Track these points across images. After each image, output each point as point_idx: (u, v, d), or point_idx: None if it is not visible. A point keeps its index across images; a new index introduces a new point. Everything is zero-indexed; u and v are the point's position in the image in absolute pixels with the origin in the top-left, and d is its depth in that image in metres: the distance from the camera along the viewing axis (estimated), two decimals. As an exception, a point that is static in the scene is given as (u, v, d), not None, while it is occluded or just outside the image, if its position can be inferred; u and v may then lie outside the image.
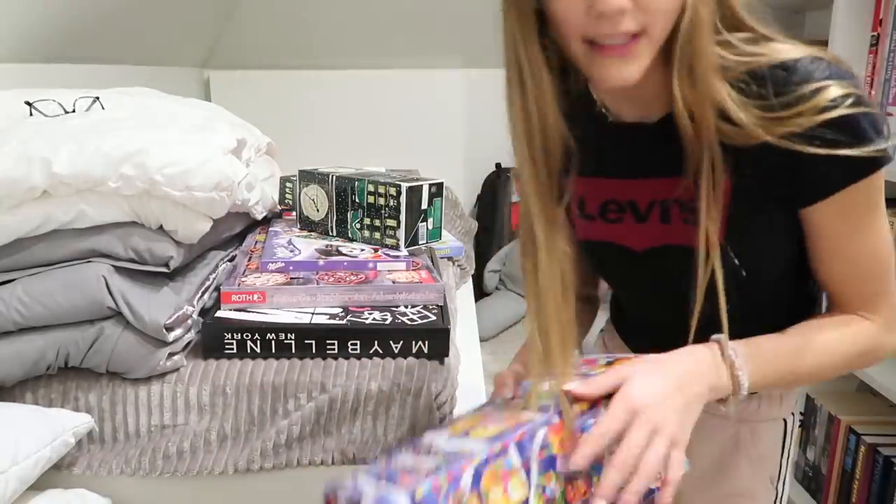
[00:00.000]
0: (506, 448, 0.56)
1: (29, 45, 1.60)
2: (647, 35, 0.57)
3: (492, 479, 0.55)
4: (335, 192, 1.27)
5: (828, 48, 0.62)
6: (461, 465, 0.54)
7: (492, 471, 0.55)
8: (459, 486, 0.54)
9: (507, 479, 0.56)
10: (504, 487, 0.55)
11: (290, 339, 0.95)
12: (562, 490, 0.57)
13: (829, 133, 0.58)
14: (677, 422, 0.58)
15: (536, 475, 0.56)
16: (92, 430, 0.90)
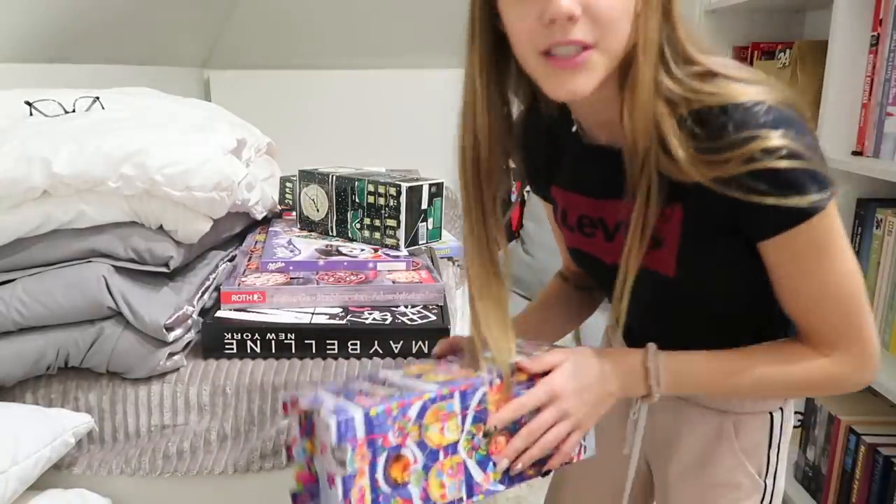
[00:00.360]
0: (452, 393, 0.65)
1: (29, 45, 1.60)
2: (599, 48, 0.59)
3: (434, 416, 0.64)
4: (335, 192, 1.27)
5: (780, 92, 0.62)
6: (412, 398, 0.63)
7: (435, 409, 0.64)
8: (406, 414, 0.63)
9: (445, 420, 0.65)
10: (442, 426, 0.65)
11: (290, 339, 0.95)
12: (487, 442, 0.67)
13: (753, 182, 0.59)
14: (585, 413, 0.67)
15: (470, 423, 0.66)
16: (92, 430, 0.90)
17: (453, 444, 0.65)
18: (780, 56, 1.86)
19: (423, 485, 0.64)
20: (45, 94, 1.20)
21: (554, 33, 0.58)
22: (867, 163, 1.42)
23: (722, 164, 0.60)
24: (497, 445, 0.67)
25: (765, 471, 0.81)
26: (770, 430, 0.81)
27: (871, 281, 1.50)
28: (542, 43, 0.59)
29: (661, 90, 0.62)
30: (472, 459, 0.66)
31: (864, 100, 1.48)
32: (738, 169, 0.59)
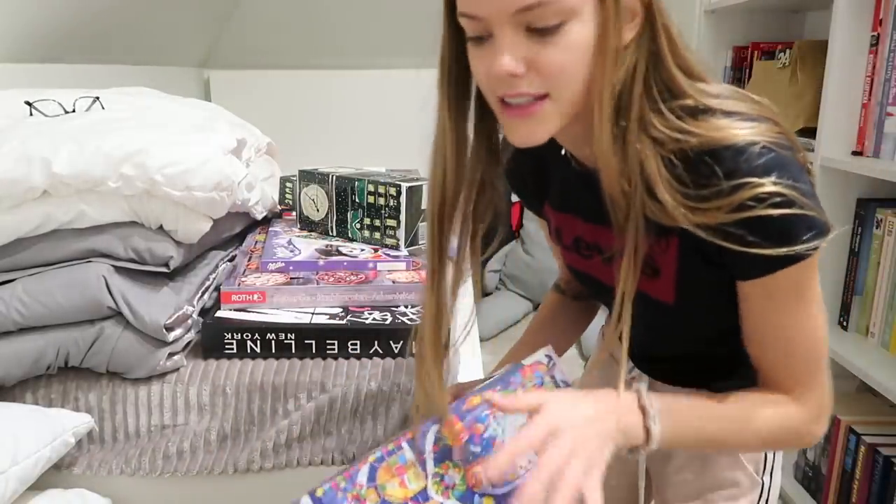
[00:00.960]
0: (399, 446, 0.63)
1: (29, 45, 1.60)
2: (552, 98, 0.59)
3: (387, 474, 0.61)
4: (335, 192, 1.27)
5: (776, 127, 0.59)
6: (358, 464, 0.61)
7: (385, 466, 0.61)
8: (357, 482, 0.60)
9: (402, 473, 0.62)
10: (401, 480, 0.61)
11: (291, 339, 0.95)
12: (462, 476, 0.62)
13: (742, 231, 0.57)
14: (596, 447, 0.58)
15: (432, 466, 0.62)
16: (92, 430, 0.90)
17: (422, 492, 0.62)
18: (780, 56, 1.86)
19: None
20: (45, 94, 1.20)
21: (502, 86, 0.59)
22: (867, 163, 1.42)
23: (710, 212, 0.58)
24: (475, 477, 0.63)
25: (762, 468, 0.81)
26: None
27: (872, 281, 1.50)
28: (496, 92, 0.60)
29: (647, 129, 0.60)
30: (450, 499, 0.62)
31: (864, 100, 1.48)
32: (726, 217, 0.57)
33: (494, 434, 0.65)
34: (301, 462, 0.92)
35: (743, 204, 0.57)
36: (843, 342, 1.51)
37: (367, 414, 0.92)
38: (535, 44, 0.57)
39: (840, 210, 1.56)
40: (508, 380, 0.70)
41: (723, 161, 0.58)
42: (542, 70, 0.58)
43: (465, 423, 0.65)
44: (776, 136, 0.58)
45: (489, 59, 0.59)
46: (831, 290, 1.60)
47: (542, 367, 0.71)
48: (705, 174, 0.58)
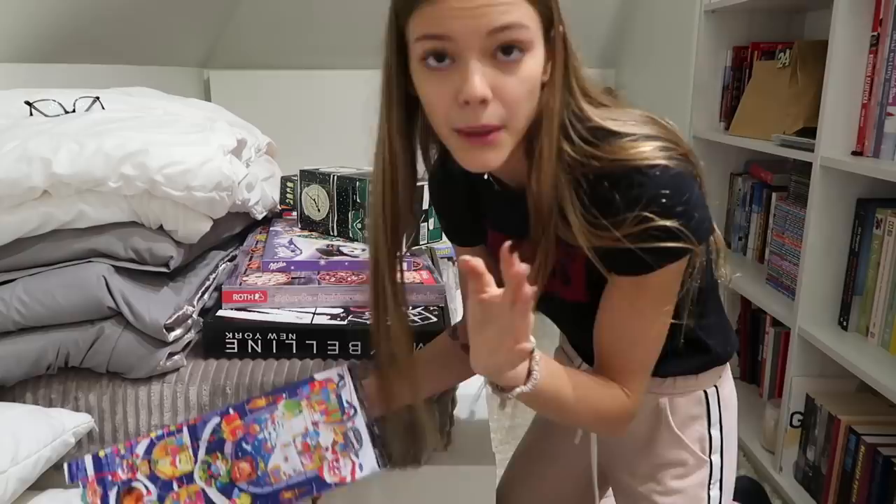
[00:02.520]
0: (180, 429, 0.72)
1: (29, 45, 1.60)
2: (507, 129, 0.63)
3: (163, 451, 0.70)
4: (336, 192, 1.27)
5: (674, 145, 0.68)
6: (140, 437, 0.71)
7: (163, 444, 0.70)
8: (135, 452, 0.70)
9: (176, 453, 0.70)
10: (172, 459, 0.70)
11: (292, 339, 0.95)
12: (227, 469, 0.70)
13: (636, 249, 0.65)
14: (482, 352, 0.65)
15: (203, 453, 0.70)
16: (92, 430, 0.90)
17: (188, 475, 0.69)
18: (780, 56, 1.86)
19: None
20: (45, 94, 1.20)
21: (467, 116, 0.61)
22: (867, 163, 1.42)
23: (607, 239, 0.65)
24: (241, 472, 0.69)
25: (708, 447, 0.86)
26: (707, 407, 0.86)
27: (871, 281, 1.50)
28: (457, 122, 0.63)
29: (561, 156, 0.66)
30: (212, 487, 0.69)
31: (864, 100, 1.49)
32: (624, 244, 0.64)
33: (266, 438, 0.72)
34: (301, 462, 0.92)
35: (642, 236, 0.64)
36: (843, 342, 1.51)
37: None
38: (500, 73, 0.61)
39: (840, 210, 1.56)
40: (296, 390, 0.76)
41: (621, 185, 0.64)
42: (505, 97, 0.61)
43: (244, 422, 0.73)
44: (673, 154, 0.65)
45: (452, 82, 0.61)
46: (831, 290, 1.60)
47: (332, 385, 0.77)
48: (607, 198, 0.65)
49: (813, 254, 1.58)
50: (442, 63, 0.61)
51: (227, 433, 0.71)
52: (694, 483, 0.86)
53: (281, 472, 0.70)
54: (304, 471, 0.70)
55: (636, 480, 0.89)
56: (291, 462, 0.70)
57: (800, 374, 1.66)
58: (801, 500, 1.63)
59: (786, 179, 1.95)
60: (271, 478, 0.70)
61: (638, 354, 0.73)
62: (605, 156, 0.65)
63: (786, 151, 1.69)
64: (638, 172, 0.64)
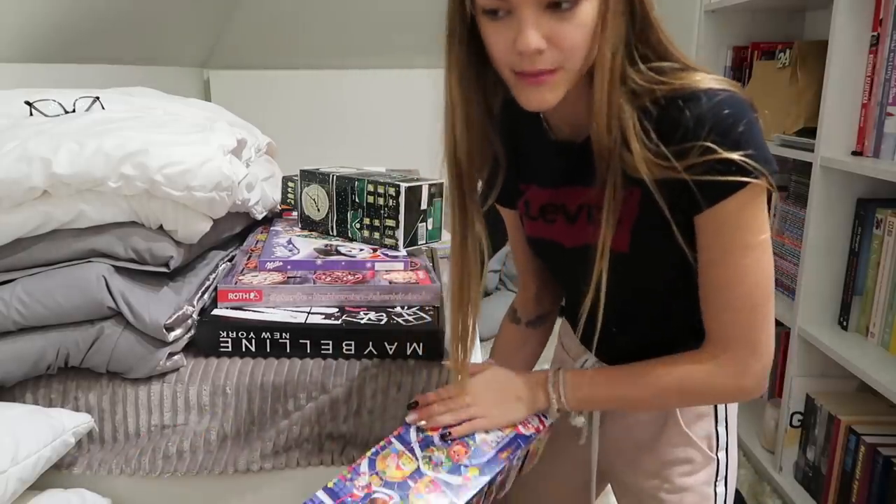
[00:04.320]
0: (389, 441, 0.79)
1: (29, 45, 1.61)
2: (563, 69, 0.66)
3: (384, 462, 0.76)
4: (336, 192, 1.27)
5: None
6: (357, 461, 0.76)
7: (382, 457, 0.77)
8: (360, 472, 0.75)
9: (397, 459, 0.77)
10: (396, 465, 0.76)
11: (286, 338, 0.95)
12: (446, 455, 0.77)
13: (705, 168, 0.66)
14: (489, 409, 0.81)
15: (420, 451, 0.78)
16: (92, 430, 0.90)
17: (416, 471, 0.75)
18: (780, 56, 1.86)
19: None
20: (45, 94, 1.20)
21: (523, 62, 0.65)
22: (867, 163, 1.42)
23: (674, 170, 0.66)
24: (457, 454, 0.77)
25: (715, 444, 0.87)
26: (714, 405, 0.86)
27: (872, 281, 1.50)
28: (515, 65, 0.66)
29: (626, 82, 0.68)
30: (441, 473, 0.75)
31: (864, 100, 1.48)
32: (688, 176, 0.66)
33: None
34: (301, 462, 0.92)
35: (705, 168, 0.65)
36: (843, 342, 1.51)
37: (368, 414, 0.92)
38: (555, 21, 0.63)
39: (840, 210, 1.56)
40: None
41: (692, 109, 0.66)
42: (560, 45, 0.64)
43: None
44: (738, 90, 0.67)
45: (509, 33, 0.65)
46: (831, 290, 1.60)
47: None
48: (673, 119, 0.66)
49: (813, 254, 1.58)
50: (496, 13, 0.65)
51: (430, 430, 0.80)
52: (701, 480, 0.86)
53: (489, 442, 0.79)
54: (504, 434, 0.81)
55: (641, 478, 0.89)
56: (492, 434, 0.81)
57: (800, 374, 1.66)
58: (801, 500, 1.63)
59: (786, 179, 1.95)
60: (483, 448, 0.78)
61: (736, 315, 0.71)
62: (671, 81, 0.67)
63: (786, 151, 1.68)
64: (704, 94, 0.66)
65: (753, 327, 0.71)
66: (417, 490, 0.73)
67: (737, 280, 0.70)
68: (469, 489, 0.73)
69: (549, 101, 0.67)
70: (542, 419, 0.83)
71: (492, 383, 0.83)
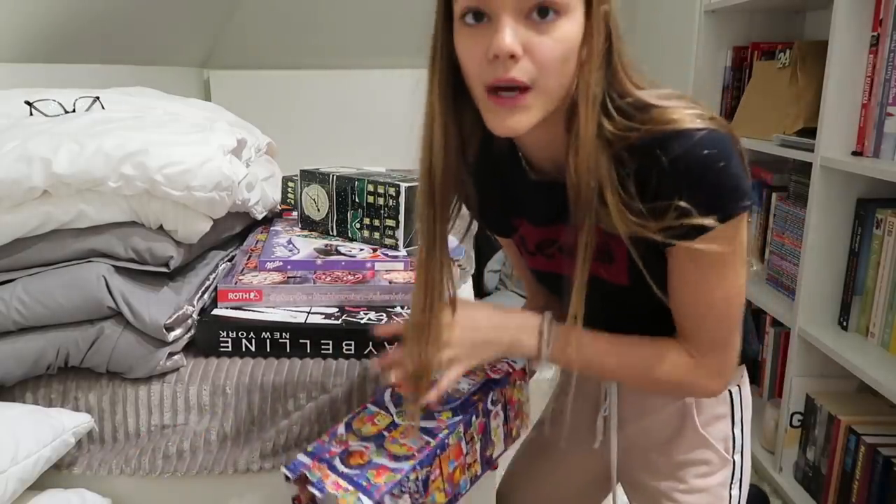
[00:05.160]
0: (364, 407, 0.82)
1: (29, 45, 1.61)
2: (537, 89, 0.63)
3: (360, 422, 0.79)
4: (336, 192, 1.27)
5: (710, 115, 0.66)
6: (334, 426, 0.79)
7: (358, 419, 0.80)
8: (337, 434, 0.78)
9: (372, 418, 0.80)
10: (372, 422, 0.79)
11: (286, 338, 0.95)
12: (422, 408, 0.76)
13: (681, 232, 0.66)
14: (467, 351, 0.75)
15: (394, 408, 0.81)
16: (92, 430, 0.90)
17: (391, 424, 0.78)
18: (780, 56, 1.86)
19: (385, 453, 0.74)
20: (45, 94, 1.20)
21: (497, 70, 0.62)
22: (867, 163, 1.42)
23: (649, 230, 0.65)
24: (430, 406, 0.76)
25: (731, 446, 0.86)
26: (731, 406, 0.86)
27: (871, 281, 1.50)
28: (487, 78, 0.64)
29: (601, 133, 0.66)
30: (416, 421, 0.76)
31: (864, 100, 1.48)
32: (660, 236, 0.65)
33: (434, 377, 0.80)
34: (301, 462, 0.92)
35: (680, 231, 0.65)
36: (843, 342, 1.51)
37: (367, 414, 0.92)
38: (533, 32, 0.62)
39: (840, 210, 1.56)
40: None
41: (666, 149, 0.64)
42: (535, 56, 0.62)
43: None
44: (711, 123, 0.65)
45: (486, 39, 0.62)
46: (831, 290, 1.60)
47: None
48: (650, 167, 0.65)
49: (813, 254, 1.58)
50: (479, 21, 0.63)
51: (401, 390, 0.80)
52: (717, 482, 0.86)
53: (461, 390, 0.82)
54: (476, 381, 0.83)
55: (656, 479, 0.89)
56: (463, 383, 0.83)
57: (800, 374, 1.66)
58: (801, 500, 1.63)
59: (786, 179, 1.95)
60: (455, 395, 0.81)
61: (708, 325, 0.72)
62: (643, 126, 0.65)
63: (786, 151, 1.68)
64: (681, 136, 0.64)
65: (727, 339, 0.74)
66: (393, 437, 0.76)
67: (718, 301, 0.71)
68: (444, 429, 0.76)
69: (520, 124, 0.65)
70: (511, 364, 0.85)
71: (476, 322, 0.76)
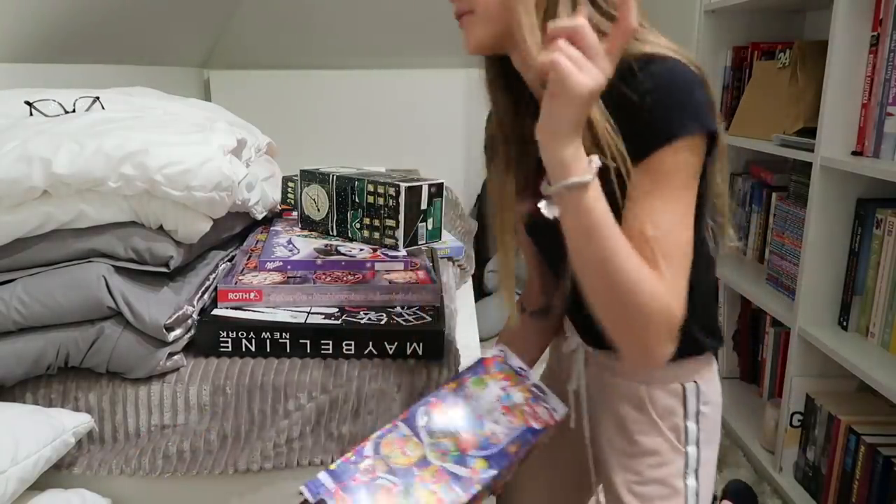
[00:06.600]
0: (395, 425, 0.76)
1: (29, 45, 1.61)
2: (475, 13, 0.74)
3: (389, 446, 0.74)
4: (336, 192, 1.27)
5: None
6: (363, 442, 0.74)
7: (387, 441, 0.74)
8: (363, 455, 0.72)
9: (403, 445, 0.74)
10: (402, 450, 0.74)
11: (286, 338, 0.95)
12: (454, 444, 0.75)
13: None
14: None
15: (427, 437, 0.75)
16: (92, 430, 0.90)
17: (422, 459, 0.73)
18: (780, 56, 1.86)
19: (414, 499, 0.70)
20: (45, 94, 1.20)
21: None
22: (867, 163, 1.42)
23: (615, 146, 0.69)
24: (465, 444, 0.76)
25: (683, 438, 0.89)
26: (683, 399, 0.88)
27: (872, 281, 1.50)
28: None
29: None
30: (448, 463, 0.73)
31: (864, 100, 1.48)
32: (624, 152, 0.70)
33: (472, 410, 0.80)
34: (301, 462, 0.92)
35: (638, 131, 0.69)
36: (843, 342, 1.51)
37: (368, 414, 0.92)
38: None
39: (840, 210, 1.56)
40: (475, 371, 0.86)
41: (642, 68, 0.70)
42: None
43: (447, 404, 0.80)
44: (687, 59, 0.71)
45: None
46: (831, 290, 1.60)
47: (500, 358, 0.87)
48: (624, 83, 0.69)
49: (813, 254, 1.58)
50: None
51: (437, 412, 0.78)
52: (669, 472, 0.89)
53: (498, 434, 0.77)
54: (514, 426, 0.79)
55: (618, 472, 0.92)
56: (501, 424, 0.79)
57: (800, 374, 1.66)
58: (801, 500, 1.63)
59: (786, 179, 1.95)
60: (492, 440, 0.77)
61: (662, 238, 0.70)
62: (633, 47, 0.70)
63: (786, 151, 1.68)
64: (652, 60, 0.70)
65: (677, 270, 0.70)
66: (423, 479, 0.71)
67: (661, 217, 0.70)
68: (475, 483, 0.72)
69: (469, 42, 0.77)
70: (552, 413, 0.82)
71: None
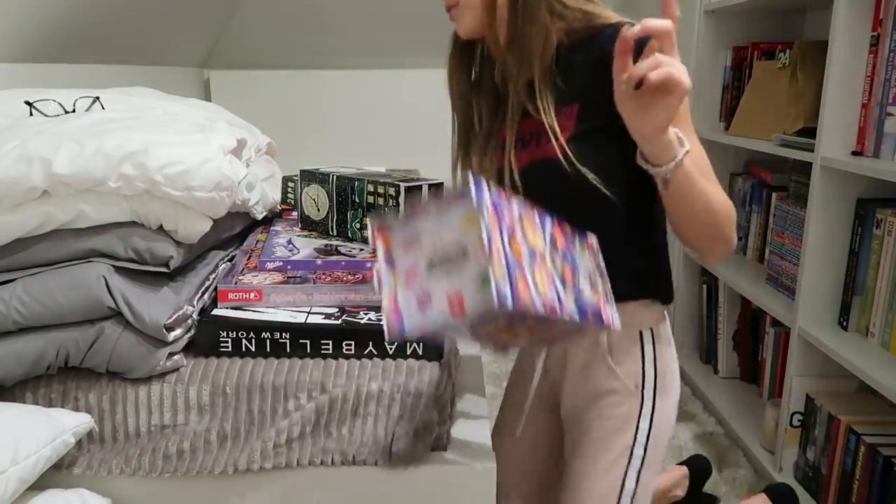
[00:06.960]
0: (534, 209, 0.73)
1: (29, 45, 1.61)
2: (461, 4, 0.90)
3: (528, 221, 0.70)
4: (335, 192, 1.27)
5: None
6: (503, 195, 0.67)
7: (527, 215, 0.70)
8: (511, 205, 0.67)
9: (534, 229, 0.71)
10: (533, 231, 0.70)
11: (286, 338, 0.95)
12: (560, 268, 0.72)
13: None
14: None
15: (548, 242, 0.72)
16: (92, 430, 0.90)
17: (542, 253, 0.70)
18: (780, 56, 1.86)
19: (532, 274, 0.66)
20: (45, 94, 1.20)
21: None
22: (867, 163, 1.42)
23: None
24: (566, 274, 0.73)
25: (641, 382, 0.96)
26: (641, 345, 0.96)
27: (872, 281, 1.50)
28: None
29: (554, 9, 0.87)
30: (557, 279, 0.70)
31: (864, 100, 1.49)
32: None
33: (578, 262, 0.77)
34: (301, 462, 0.92)
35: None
36: (843, 342, 1.51)
37: (368, 414, 0.92)
38: None
39: (840, 210, 1.56)
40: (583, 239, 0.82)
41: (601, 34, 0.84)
42: None
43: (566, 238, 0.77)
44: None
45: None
46: (831, 290, 1.60)
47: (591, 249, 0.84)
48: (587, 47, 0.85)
49: (813, 254, 1.58)
50: None
51: (559, 238, 0.75)
52: (625, 411, 0.95)
53: (584, 295, 0.75)
54: (592, 301, 0.76)
55: (577, 407, 1.00)
56: (586, 292, 0.76)
57: (800, 374, 1.66)
58: (802, 500, 1.63)
59: (786, 179, 1.95)
60: (582, 295, 0.75)
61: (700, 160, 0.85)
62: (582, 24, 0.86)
63: (786, 151, 1.69)
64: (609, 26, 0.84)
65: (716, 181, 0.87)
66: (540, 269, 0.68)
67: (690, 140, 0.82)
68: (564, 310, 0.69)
69: (460, 30, 0.92)
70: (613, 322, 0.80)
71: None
